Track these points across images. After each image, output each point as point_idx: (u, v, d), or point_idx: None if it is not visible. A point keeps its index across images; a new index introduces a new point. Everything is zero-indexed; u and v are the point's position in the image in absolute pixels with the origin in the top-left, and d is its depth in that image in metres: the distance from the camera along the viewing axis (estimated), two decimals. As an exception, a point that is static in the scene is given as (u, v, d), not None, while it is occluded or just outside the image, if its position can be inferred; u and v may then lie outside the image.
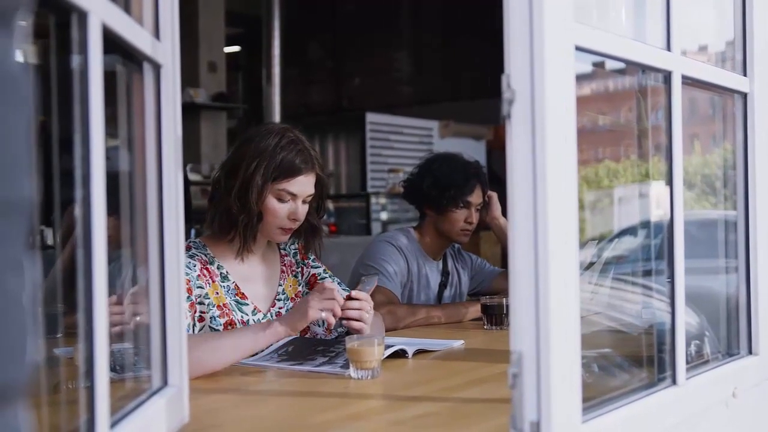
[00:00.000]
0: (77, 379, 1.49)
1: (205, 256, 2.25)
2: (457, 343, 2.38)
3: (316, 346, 2.17)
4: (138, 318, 1.43)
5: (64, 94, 1.02)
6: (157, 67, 1.35)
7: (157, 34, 1.35)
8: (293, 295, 2.39)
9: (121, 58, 1.26)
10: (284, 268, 2.42)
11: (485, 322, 2.71)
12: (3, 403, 0.54)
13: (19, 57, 0.59)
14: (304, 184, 2.25)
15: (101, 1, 1.03)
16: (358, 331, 2.12)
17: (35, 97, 0.61)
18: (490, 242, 6.73)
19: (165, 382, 1.36)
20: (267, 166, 2.19)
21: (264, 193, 2.21)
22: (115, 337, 1.33)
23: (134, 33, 1.20)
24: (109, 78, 1.07)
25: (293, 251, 2.46)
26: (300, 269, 2.46)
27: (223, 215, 2.25)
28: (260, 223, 2.24)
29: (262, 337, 2.06)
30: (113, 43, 1.11)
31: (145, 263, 1.36)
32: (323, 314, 2.06)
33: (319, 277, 2.46)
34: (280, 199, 2.23)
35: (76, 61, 1.00)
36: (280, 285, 2.38)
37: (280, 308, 2.35)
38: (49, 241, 2.47)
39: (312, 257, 2.48)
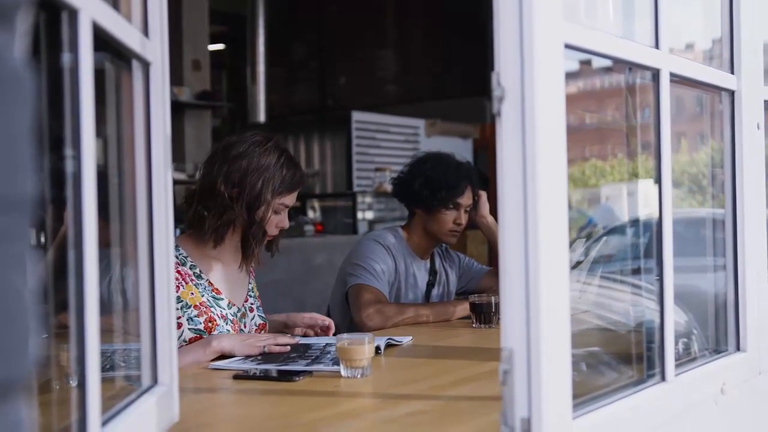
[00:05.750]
0: (63, 378, 1.48)
1: (177, 257, 2.28)
2: (406, 339, 2.40)
3: (295, 350, 2.19)
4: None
5: (53, 91, 1.01)
6: (146, 65, 1.34)
7: (146, 31, 1.34)
8: (257, 295, 2.51)
9: (109, 56, 1.25)
10: (251, 269, 2.52)
11: (474, 321, 2.71)
12: (6, 399, 0.54)
13: (20, 55, 0.59)
14: (295, 196, 2.38)
15: (91, -2, 1.02)
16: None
17: (35, 94, 0.61)
18: (477, 241, 6.75)
19: (155, 381, 1.36)
20: (274, 183, 2.28)
21: (270, 209, 2.30)
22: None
23: (124, 30, 1.20)
24: (98, 76, 1.07)
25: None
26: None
27: (226, 226, 2.29)
28: (265, 237, 2.32)
29: (203, 355, 2.12)
30: (102, 40, 1.10)
31: (134, 263, 1.35)
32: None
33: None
34: (277, 212, 2.33)
35: (66, 58, 1.00)
36: (250, 283, 2.49)
37: (252, 304, 2.46)
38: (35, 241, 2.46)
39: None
